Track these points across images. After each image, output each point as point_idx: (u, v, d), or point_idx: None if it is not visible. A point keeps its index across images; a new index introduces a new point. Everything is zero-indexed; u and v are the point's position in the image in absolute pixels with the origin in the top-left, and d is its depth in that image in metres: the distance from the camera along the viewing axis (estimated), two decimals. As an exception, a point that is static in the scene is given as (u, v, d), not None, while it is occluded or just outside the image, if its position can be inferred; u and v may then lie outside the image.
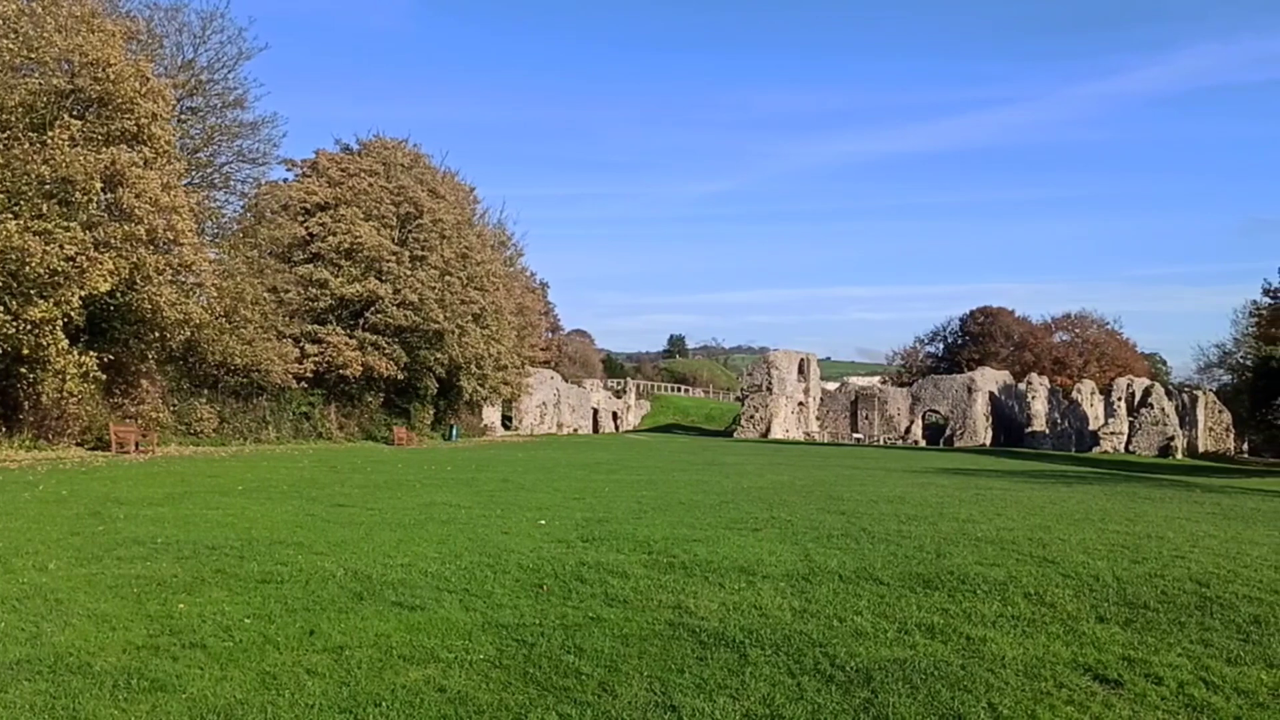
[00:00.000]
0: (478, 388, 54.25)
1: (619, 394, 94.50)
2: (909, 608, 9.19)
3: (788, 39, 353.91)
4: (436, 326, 48.42)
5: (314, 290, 45.46)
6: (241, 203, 42.56)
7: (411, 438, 48.53)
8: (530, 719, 6.04)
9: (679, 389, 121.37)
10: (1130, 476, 35.19)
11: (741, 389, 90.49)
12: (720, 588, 9.92)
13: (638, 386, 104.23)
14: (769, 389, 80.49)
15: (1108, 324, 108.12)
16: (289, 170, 50.95)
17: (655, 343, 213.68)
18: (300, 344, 43.63)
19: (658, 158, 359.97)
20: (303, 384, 43.46)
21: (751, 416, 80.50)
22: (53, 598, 8.89)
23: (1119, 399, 75.48)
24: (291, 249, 45.69)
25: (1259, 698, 6.72)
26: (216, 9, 40.35)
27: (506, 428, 68.85)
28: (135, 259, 29.16)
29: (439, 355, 49.72)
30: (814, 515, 16.75)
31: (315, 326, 45.33)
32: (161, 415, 35.59)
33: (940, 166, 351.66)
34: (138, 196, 28.98)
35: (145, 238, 29.45)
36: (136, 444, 31.80)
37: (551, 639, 7.77)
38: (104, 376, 30.97)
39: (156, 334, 32.84)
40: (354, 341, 45.95)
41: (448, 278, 49.74)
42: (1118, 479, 32.82)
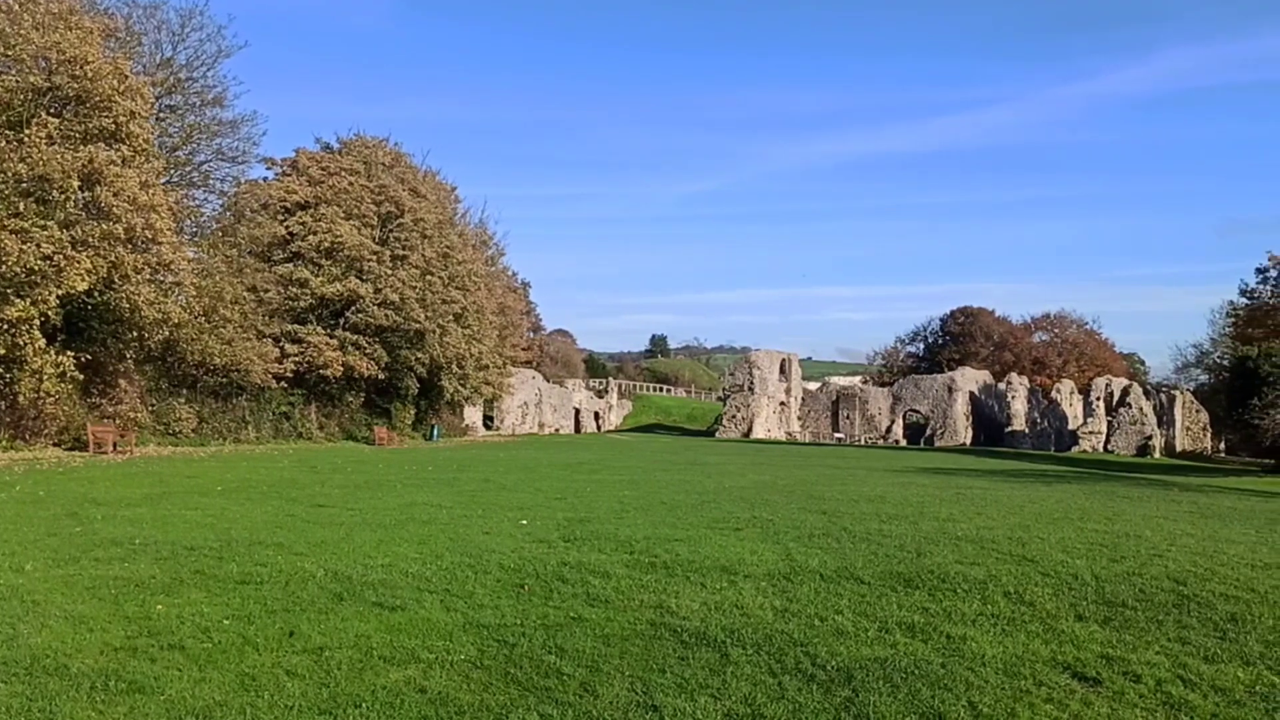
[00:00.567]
0: (459, 387, 54.08)
1: (601, 394, 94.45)
2: (890, 607, 9.22)
3: (770, 39, 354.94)
4: (418, 326, 48.25)
5: (294, 290, 45.20)
6: (221, 201, 42.35)
7: (393, 438, 48.36)
8: (511, 719, 6.04)
9: (661, 389, 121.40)
10: (1109, 476, 35.43)
11: (723, 389, 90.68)
12: (702, 587, 9.93)
13: (620, 386, 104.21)
14: (751, 389, 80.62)
15: (1087, 324, 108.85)
16: (269, 169, 50.72)
17: (637, 342, 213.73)
18: (280, 343, 43.37)
19: (640, 157, 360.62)
20: (283, 384, 43.21)
21: (733, 416, 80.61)
22: (29, 599, 8.82)
23: (1098, 399, 75.94)
24: (271, 248, 45.42)
25: (1236, 695, 6.77)
26: (196, 6, 40.05)
27: (488, 428, 68.70)
28: (113, 258, 28.94)
29: (420, 355, 49.55)
30: (795, 515, 16.78)
31: (295, 326, 45.06)
32: (140, 415, 35.33)
33: (921, 167, 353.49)
34: (116, 195, 28.75)
35: (123, 236, 29.23)
36: (114, 444, 31.56)
37: (533, 639, 7.75)
38: (81, 376, 30.75)
39: (135, 333, 32.62)
40: (334, 341, 45.71)
41: (429, 277, 49.57)
42: (1096, 478, 33.04)
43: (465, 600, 9.14)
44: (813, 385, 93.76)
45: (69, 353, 28.91)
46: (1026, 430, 78.28)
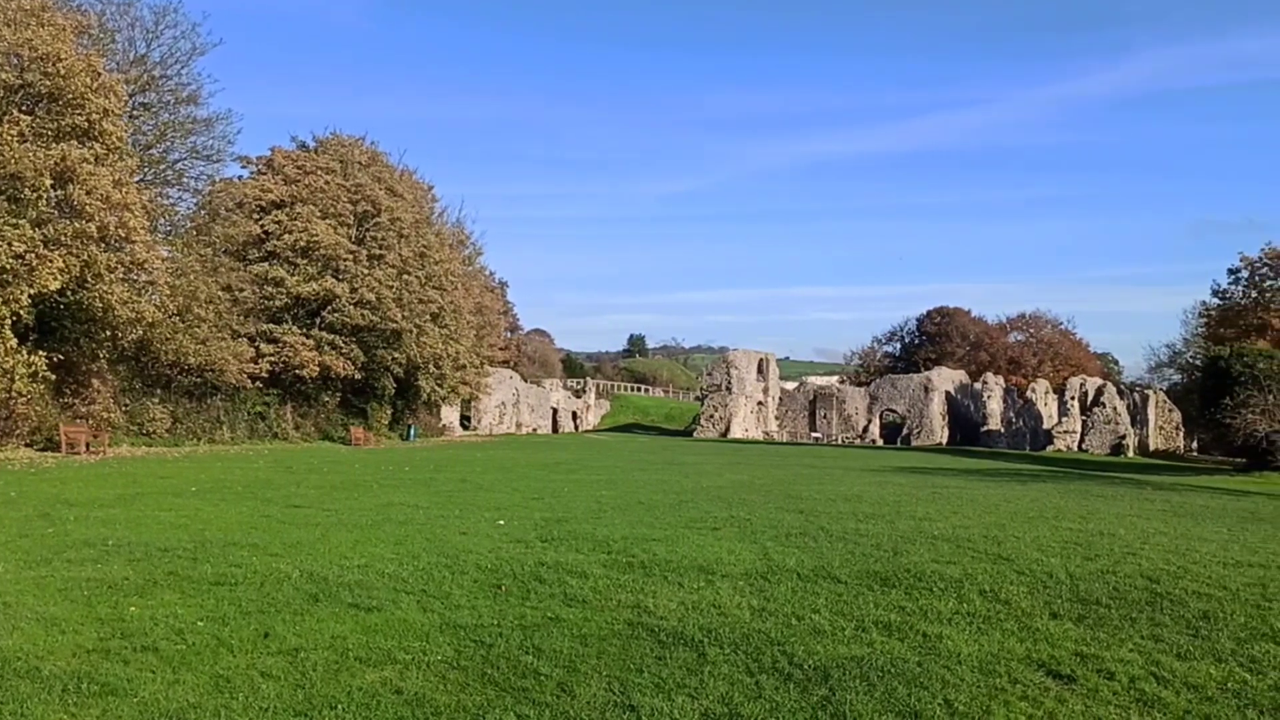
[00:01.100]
0: (436, 387, 53.91)
1: (578, 394, 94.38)
2: (866, 606, 9.25)
3: (749, 39, 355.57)
4: (394, 326, 48.07)
5: (269, 289, 44.95)
6: (195, 200, 42.00)
7: (369, 438, 48.14)
8: (488, 719, 6.02)
9: (639, 389, 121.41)
10: (1083, 474, 35.69)
11: (701, 388, 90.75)
12: (679, 587, 9.93)
13: (597, 386, 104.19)
14: (728, 389, 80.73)
15: (1061, 324, 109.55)
16: (244, 167, 50.33)
17: (615, 342, 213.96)
18: (255, 343, 43.10)
19: (618, 157, 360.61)
20: (258, 384, 42.94)
21: (711, 416, 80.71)
22: (0, 601, 8.73)
23: (1072, 398, 76.51)
24: (246, 247, 45.12)
25: (1208, 692, 6.83)
26: (170, 3, 39.45)
27: (465, 428, 68.51)
28: (86, 257, 28.69)
29: (397, 355, 49.37)
30: (773, 514, 16.82)
31: (271, 325, 44.81)
32: (113, 415, 35.02)
33: (899, 168, 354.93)
34: (88, 193, 28.50)
35: (96, 235, 28.99)
36: (87, 445, 31.28)
37: (510, 639, 7.73)
38: (53, 376, 30.46)
39: (108, 333, 32.35)
40: (310, 341, 45.48)
41: (405, 277, 49.40)
42: (1071, 477, 33.28)
43: (442, 601, 9.11)
44: (790, 385, 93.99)
45: (41, 352, 28.62)
46: (1002, 429, 78.75)
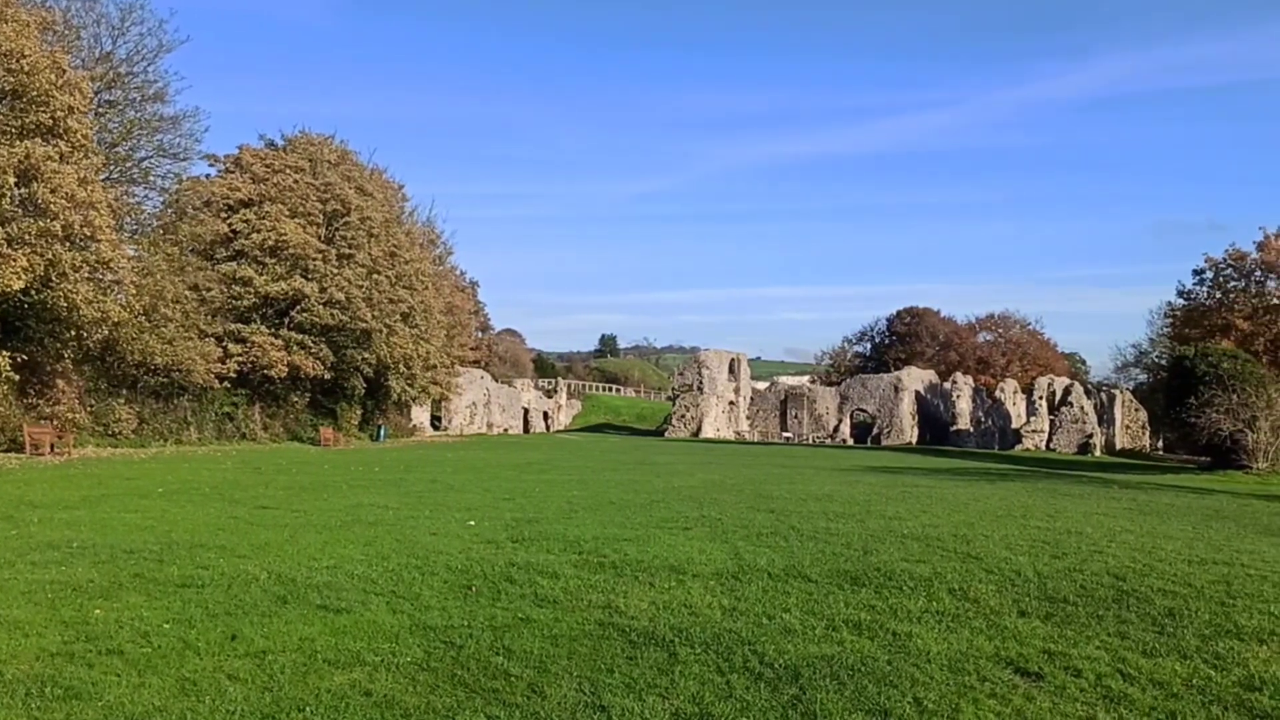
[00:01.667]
0: (406, 388, 53.69)
1: (550, 394, 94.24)
2: (837, 605, 9.29)
3: (716, 40, 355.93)
4: (364, 326, 47.82)
5: (237, 288, 44.60)
6: (162, 199, 41.54)
7: (338, 438, 47.86)
8: (458, 722, 5.99)
9: (610, 388, 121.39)
10: (1051, 473, 36.01)
11: (673, 388, 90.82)
12: (650, 587, 9.93)
13: (569, 386, 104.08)
14: (700, 388, 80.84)
15: (1029, 324, 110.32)
16: (211, 166, 49.91)
17: (586, 342, 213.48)
18: (223, 343, 42.77)
19: (588, 157, 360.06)
20: (226, 384, 42.57)
21: (683, 416, 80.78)
22: (-39, 605, 8.60)
23: (1040, 398, 77.11)
24: (214, 246, 44.76)
25: (1173, 688, 6.90)
26: (136, 0, 39.09)
27: (436, 428, 68.24)
28: (50, 256, 28.35)
29: (367, 355, 49.12)
30: (744, 514, 16.86)
31: (239, 325, 44.47)
32: (78, 416, 34.62)
33: (866, 169, 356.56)
34: (53, 191, 28.16)
35: (61, 234, 28.65)
36: (52, 446, 30.87)
37: (480, 640, 7.71)
38: (17, 377, 30.09)
39: (72, 333, 32.00)
40: (279, 341, 45.16)
41: (375, 276, 49.16)
42: (1039, 476, 33.57)
43: (412, 602, 9.06)
44: (761, 385, 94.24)
45: (4, 352, 28.26)
46: (971, 429, 79.31)
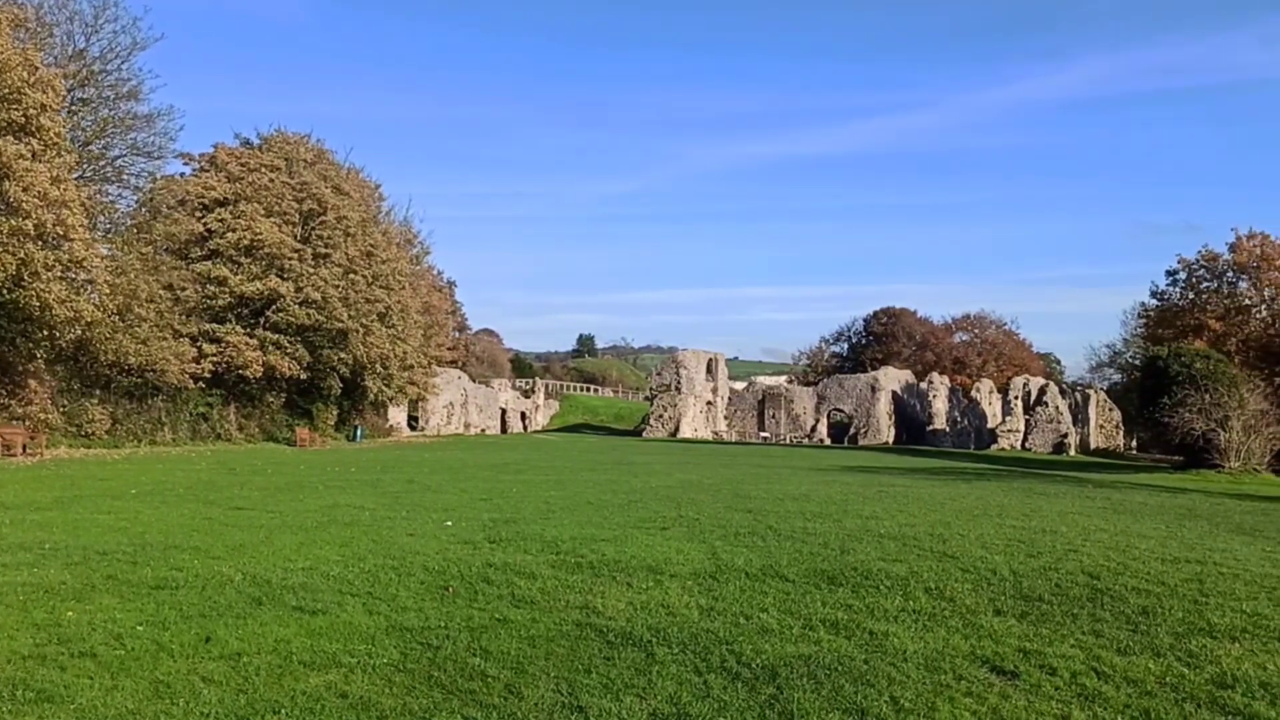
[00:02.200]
0: (383, 388, 53.45)
1: (527, 394, 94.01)
2: (814, 604, 9.30)
3: (693, 41, 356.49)
4: (340, 325, 47.58)
5: (212, 288, 44.31)
6: (136, 197, 41.14)
7: (315, 439, 47.58)
8: (434, 723, 5.96)
9: (588, 389, 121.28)
10: (1026, 473, 36.22)
11: (650, 388, 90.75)
12: (628, 587, 9.92)
13: (546, 386, 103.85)
14: (677, 388, 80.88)
15: (1005, 324, 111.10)
16: (186, 164, 49.61)
17: (564, 342, 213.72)
18: (198, 343, 42.51)
19: (566, 157, 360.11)
20: (200, 384, 42.31)
21: (660, 416, 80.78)
22: (-70, 608, 8.50)
23: (1016, 397, 77.61)
24: (189, 245, 44.44)
25: (1147, 686, 6.95)
26: (110, -2, 38.71)
27: (413, 428, 67.98)
28: (22, 255, 28.12)
29: (343, 355, 48.87)
30: (721, 514, 16.87)
31: (214, 325, 44.19)
32: (50, 416, 34.30)
33: (844, 169, 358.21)
34: (25, 190, 27.91)
35: (33, 233, 28.41)
36: (24, 446, 30.57)
37: (457, 641, 7.68)
38: (-12, 377, 29.80)
39: (45, 332, 31.73)
40: (254, 341, 44.91)
41: (352, 276, 48.91)
42: (1014, 475, 33.75)
43: (388, 603, 9.02)
44: (739, 385, 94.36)
45: (-25, 352, 28.01)
46: (947, 429, 79.71)
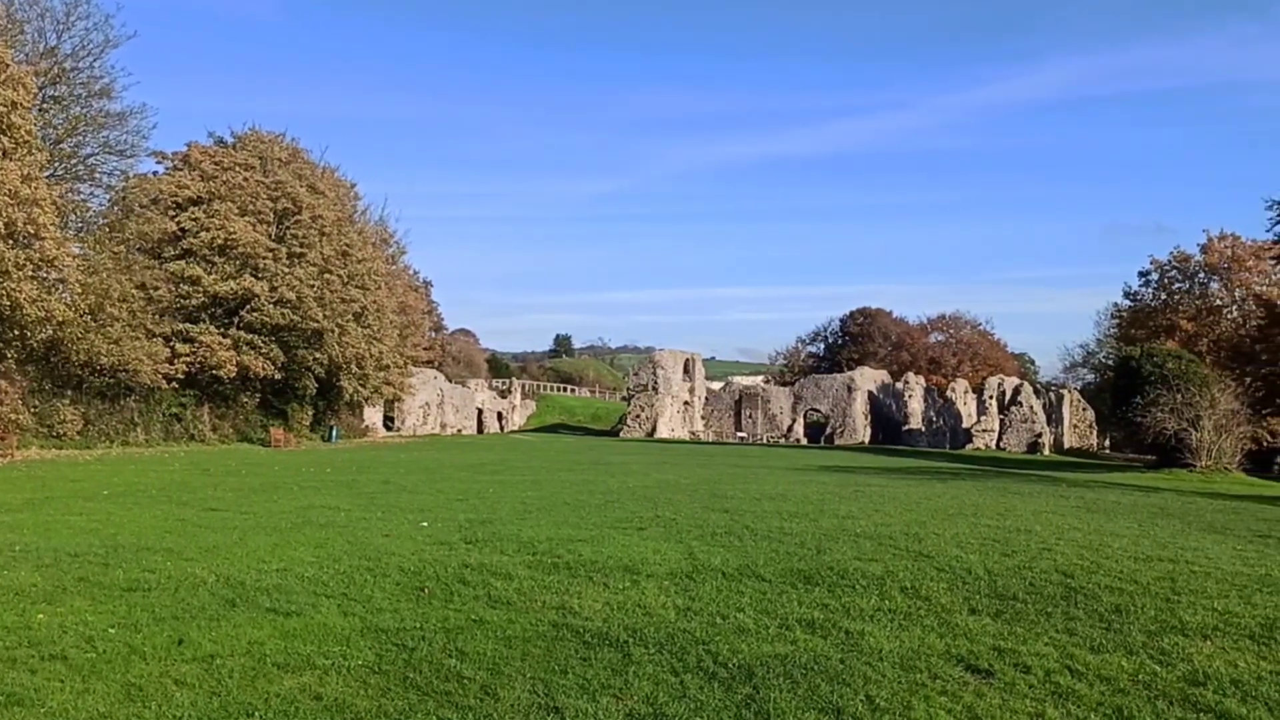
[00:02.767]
0: (359, 388, 53.18)
1: (504, 394, 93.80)
2: (790, 604, 9.32)
3: (670, 41, 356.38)
4: (315, 325, 47.32)
5: (186, 287, 43.94)
6: (108, 196, 40.78)
7: (289, 439, 47.30)
8: (410, 725, 5.93)
9: (565, 389, 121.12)
10: (1001, 472, 36.42)
11: (627, 388, 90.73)
12: (604, 587, 9.91)
13: (523, 386, 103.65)
14: (655, 388, 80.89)
15: (980, 325, 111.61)
16: (159, 163, 49.12)
17: (541, 342, 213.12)
18: (171, 343, 42.12)
19: (542, 156, 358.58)
20: (174, 384, 41.93)
21: (637, 416, 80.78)
22: (-103, 611, 8.39)
23: (990, 397, 78.10)
24: (162, 245, 44.05)
25: (1120, 684, 7.00)
26: (82, -7, 38.32)
27: (389, 428, 67.69)
28: (-8, 254, 27.81)
29: (318, 355, 48.58)
30: (698, 513, 16.89)
31: (187, 325, 43.83)
32: (21, 417, 33.91)
33: (819, 170, 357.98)
34: (-5, 188, 27.62)
35: (3, 232, 28.12)
36: (-7, 448, 30.28)
37: (433, 643, 7.65)
38: (-43, 377, 29.46)
39: (16, 332, 31.41)
40: (228, 341, 44.58)
41: (327, 275, 48.65)
42: (989, 475, 33.93)
43: (363, 604, 8.97)
44: (716, 385, 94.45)
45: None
46: (923, 428, 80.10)
